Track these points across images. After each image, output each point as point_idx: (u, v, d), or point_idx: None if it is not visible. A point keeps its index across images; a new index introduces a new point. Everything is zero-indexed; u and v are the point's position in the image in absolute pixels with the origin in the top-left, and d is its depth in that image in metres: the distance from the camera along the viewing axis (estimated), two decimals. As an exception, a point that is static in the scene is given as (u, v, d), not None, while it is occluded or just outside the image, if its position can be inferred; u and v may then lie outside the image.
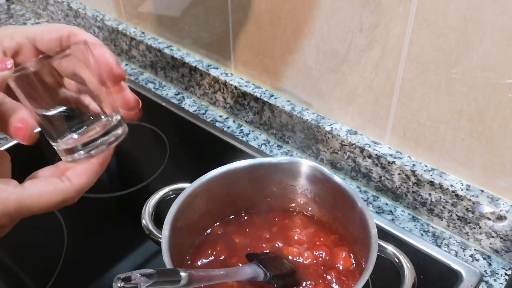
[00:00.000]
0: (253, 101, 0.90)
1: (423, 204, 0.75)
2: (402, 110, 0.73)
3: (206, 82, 0.97)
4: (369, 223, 0.58)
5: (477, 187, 0.71)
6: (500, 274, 0.69)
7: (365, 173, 0.80)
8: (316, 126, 0.82)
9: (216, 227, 0.68)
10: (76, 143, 0.44)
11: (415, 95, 0.70)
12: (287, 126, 0.87)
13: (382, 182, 0.78)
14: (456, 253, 0.72)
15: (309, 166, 0.66)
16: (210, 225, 0.68)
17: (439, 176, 0.73)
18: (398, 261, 0.57)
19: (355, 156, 0.80)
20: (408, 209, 0.78)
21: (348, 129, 0.81)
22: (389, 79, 0.71)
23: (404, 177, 0.75)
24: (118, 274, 0.41)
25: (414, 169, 0.74)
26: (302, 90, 0.84)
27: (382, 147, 0.77)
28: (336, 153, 0.82)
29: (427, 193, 0.74)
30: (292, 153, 0.89)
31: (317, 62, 0.79)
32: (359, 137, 0.79)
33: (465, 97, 0.65)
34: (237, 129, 0.95)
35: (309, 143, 0.85)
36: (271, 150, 0.90)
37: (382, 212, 0.78)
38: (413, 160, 0.75)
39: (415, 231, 0.75)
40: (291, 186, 0.68)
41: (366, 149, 0.78)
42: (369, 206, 0.79)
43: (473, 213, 0.70)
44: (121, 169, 0.91)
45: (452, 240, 0.74)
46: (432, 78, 0.67)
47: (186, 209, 0.62)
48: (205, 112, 0.99)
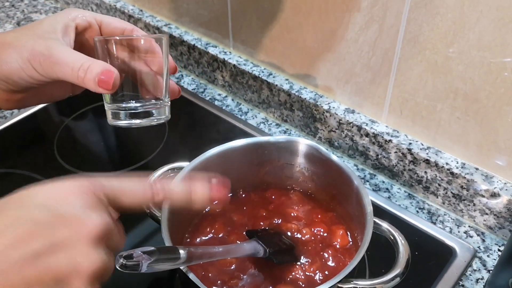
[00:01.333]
0: (252, 80, 0.90)
1: (419, 182, 0.76)
2: (399, 89, 0.73)
3: (205, 60, 0.97)
4: (365, 201, 0.59)
5: (472, 165, 0.72)
6: (493, 250, 0.70)
7: (362, 152, 0.81)
8: (314, 105, 0.83)
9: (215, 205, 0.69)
10: (124, 110, 0.54)
11: (412, 74, 0.70)
12: (285, 105, 0.88)
13: (379, 160, 0.79)
14: (451, 229, 0.73)
15: (306, 145, 0.67)
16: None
17: (435, 154, 0.73)
18: (392, 238, 0.58)
19: (352, 135, 0.80)
20: (404, 186, 0.79)
21: (346, 107, 0.81)
22: (386, 58, 0.72)
23: (401, 155, 0.76)
24: (120, 252, 0.42)
25: (410, 147, 0.75)
26: (300, 69, 0.85)
27: (379, 125, 0.78)
28: (334, 132, 0.83)
29: (423, 171, 0.75)
30: (290, 132, 0.90)
31: (315, 41, 0.79)
32: (356, 116, 0.80)
33: (461, 76, 0.66)
34: (236, 107, 0.95)
35: (307, 122, 0.86)
36: (269, 128, 0.90)
37: (379, 190, 0.79)
38: (410, 138, 0.76)
39: (410, 208, 0.76)
40: (289, 164, 0.69)
41: (363, 127, 0.78)
42: (366, 184, 0.80)
43: (468, 190, 0.71)
44: (120, 148, 0.91)
45: (447, 217, 0.75)
46: (429, 57, 0.67)
47: (185, 188, 0.63)
48: (203, 90, 1.00)
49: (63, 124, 0.93)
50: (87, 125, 0.96)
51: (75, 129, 0.94)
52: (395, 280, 0.54)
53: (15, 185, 0.40)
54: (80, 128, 0.95)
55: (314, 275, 0.61)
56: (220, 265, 0.60)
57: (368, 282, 0.54)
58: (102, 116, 0.52)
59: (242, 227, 0.66)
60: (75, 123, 0.94)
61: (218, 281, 0.59)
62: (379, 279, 0.54)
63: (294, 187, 0.71)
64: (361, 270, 0.65)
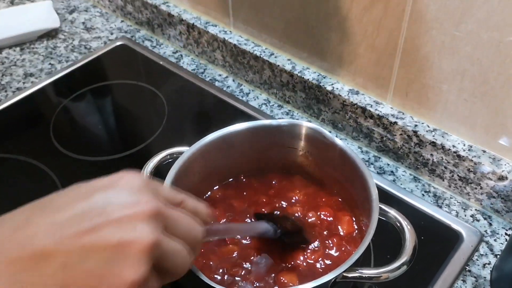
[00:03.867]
0: (253, 60, 0.88)
1: (424, 165, 0.75)
2: (404, 70, 0.71)
3: (205, 40, 0.95)
4: (370, 187, 0.57)
5: (479, 147, 0.70)
6: (501, 234, 0.69)
7: (367, 134, 0.79)
8: (317, 86, 0.81)
9: (215, 190, 0.67)
10: None
11: (418, 55, 0.68)
12: (287, 86, 0.86)
13: (384, 142, 0.78)
14: (457, 213, 0.72)
15: (309, 128, 0.65)
16: (209, 188, 0.67)
17: (441, 136, 0.72)
18: (399, 224, 0.56)
19: (356, 117, 0.79)
20: (409, 169, 0.77)
21: (350, 89, 0.79)
22: (391, 38, 0.70)
23: (406, 137, 0.74)
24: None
25: (416, 129, 0.73)
26: (303, 49, 0.82)
27: (384, 107, 0.76)
28: (338, 113, 0.81)
29: (429, 154, 0.73)
30: (292, 113, 0.88)
31: (318, 20, 0.76)
32: (360, 97, 0.78)
33: (469, 57, 0.64)
34: (237, 88, 0.93)
35: (310, 103, 0.84)
36: (271, 110, 0.89)
37: (384, 173, 0.77)
38: (415, 120, 0.74)
39: (416, 191, 0.75)
40: (292, 148, 0.67)
41: (367, 109, 0.76)
42: (371, 167, 0.78)
43: (475, 173, 0.70)
44: (119, 131, 0.90)
45: (453, 200, 0.73)
46: (436, 38, 0.65)
47: (185, 173, 0.61)
48: (204, 71, 0.97)
49: (60, 105, 0.91)
50: (85, 106, 0.94)
51: (72, 111, 0.92)
52: (401, 269, 0.53)
53: (8, 170, 0.39)
54: (78, 110, 0.93)
55: (315, 263, 0.59)
56: (221, 253, 0.59)
57: (374, 270, 0.53)
58: (101, 97, 0.51)
59: (243, 213, 0.64)
60: (73, 105, 0.93)
61: (220, 269, 0.58)
62: (385, 268, 0.53)
63: (297, 172, 0.69)
64: (366, 257, 0.63)
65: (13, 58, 1.01)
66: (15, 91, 0.94)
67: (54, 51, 1.03)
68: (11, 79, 0.96)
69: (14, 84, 0.95)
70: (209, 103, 0.90)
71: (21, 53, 1.02)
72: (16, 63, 1.00)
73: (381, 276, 0.53)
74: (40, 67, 0.99)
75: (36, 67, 0.99)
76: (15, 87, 0.95)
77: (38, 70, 0.98)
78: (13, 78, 0.96)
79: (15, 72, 0.98)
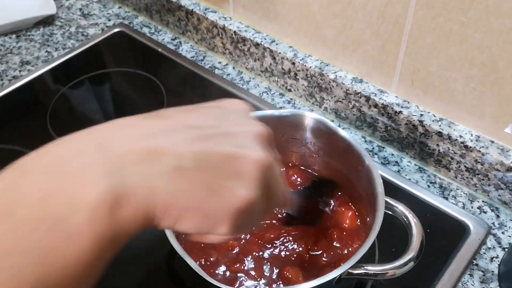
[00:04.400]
0: (254, 47, 0.86)
1: (430, 155, 0.73)
2: (410, 57, 0.69)
3: (204, 26, 0.92)
4: (376, 181, 0.56)
5: (487, 137, 0.68)
6: (509, 227, 0.67)
7: (371, 123, 0.77)
8: (319, 74, 0.79)
9: None
10: None
11: (425, 42, 0.66)
12: (289, 74, 0.83)
13: (388, 132, 0.76)
14: (464, 205, 0.70)
15: (313, 118, 0.63)
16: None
17: (447, 126, 0.70)
18: (406, 219, 0.55)
19: (360, 105, 0.76)
20: (414, 160, 0.75)
21: (353, 77, 0.77)
22: (397, 25, 0.67)
23: (411, 127, 0.72)
24: None
25: (421, 119, 0.71)
26: (305, 36, 0.80)
27: (388, 96, 0.74)
28: (341, 102, 0.79)
29: (435, 144, 0.71)
30: (294, 102, 0.86)
31: (321, 6, 0.74)
32: (364, 86, 0.76)
33: (478, 44, 0.62)
34: (237, 76, 0.91)
35: (312, 92, 0.82)
36: (272, 98, 0.86)
37: (388, 163, 0.75)
38: (421, 109, 0.72)
39: (421, 182, 0.73)
40: (294, 139, 0.66)
41: (372, 98, 0.74)
42: (375, 157, 0.76)
43: (482, 164, 0.68)
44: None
45: (460, 191, 0.72)
46: (443, 24, 0.63)
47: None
48: (203, 58, 0.95)
49: (57, 94, 0.89)
50: (82, 95, 0.92)
51: (70, 100, 0.90)
52: (408, 265, 0.51)
53: (3, 161, 0.37)
54: (75, 99, 0.91)
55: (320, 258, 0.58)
56: (222, 248, 0.58)
57: (380, 267, 0.51)
58: (101, 84, 0.49)
59: None
60: (70, 93, 0.91)
61: (221, 265, 0.56)
62: (392, 264, 0.51)
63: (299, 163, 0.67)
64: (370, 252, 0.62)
65: (9, 45, 0.99)
66: (11, 80, 0.92)
67: (50, 38, 1.00)
68: (7, 67, 0.94)
69: (10, 72, 0.93)
70: (209, 91, 0.88)
71: (17, 40, 1.00)
72: (12, 51, 0.98)
73: (387, 272, 0.51)
74: (37, 54, 0.97)
75: (32, 54, 0.97)
76: (11, 75, 0.93)
77: (34, 58, 0.96)
78: (9, 66, 0.94)
79: (11, 60, 0.96)
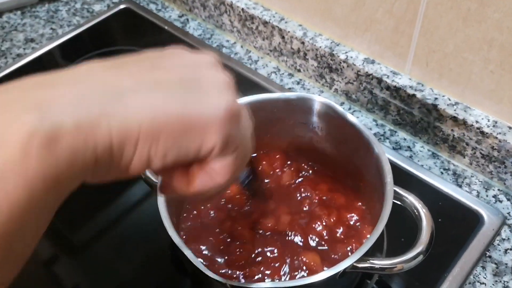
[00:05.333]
0: (262, 25, 0.83)
1: (444, 141, 0.70)
2: (425, 38, 0.65)
3: (211, 3, 0.89)
4: (385, 170, 0.53)
5: (505, 123, 0.65)
6: (525, 217, 0.64)
7: (383, 106, 0.74)
8: (330, 54, 0.75)
9: None
10: None
11: (441, 22, 0.62)
12: (298, 53, 0.80)
13: (401, 115, 0.72)
14: (478, 193, 0.67)
15: (321, 103, 0.60)
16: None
17: (463, 111, 0.66)
18: (416, 211, 0.52)
19: (372, 88, 0.73)
20: (428, 145, 0.72)
21: (365, 57, 0.74)
22: (411, 3, 0.64)
23: (425, 111, 0.69)
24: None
25: (436, 102, 0.67)
26: (315, 14, 0.77)
27: (402, 78, 0.71)
28: (352, 84, 0.76)
29: (450, 129, 0.68)
30: (304, 83, 0.83)
31: (332, -18, 0.71)
32: (376, 67, 0.73)
33: (497, 24, 0.58)
34: (245, 55, 0.88)
35: (322, 72, 0.79)
36: (281, 79, 0.83)
37: (400, 148, 0.72)
38: (436, 93, 0.69)
39: (434, 169, 0.70)
40: (301, 123, 0.63)
41: (384, 80, 0.71)
42: (386, 141, 0.73)
43: (499, 151, 0.64)
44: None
45: (474, 179, 0.69)
46: (461, 3, 0.59)
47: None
48: (210, 36, 0.92)
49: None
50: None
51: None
52: (417, 259, 0.49)
53: None
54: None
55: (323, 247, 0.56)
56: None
57: (387, 261, 0.49)
58: None
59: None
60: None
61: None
62: (399, 258, 0.49)
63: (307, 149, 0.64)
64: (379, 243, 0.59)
65: (14, 22, 0.97)
66: (15, 58, 0.90)
67: (55, 15, 0.98)
68: (11, 44, 0.92)
69: (15, 50, 0.92)
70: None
71: (22, 17, 0.98)
72: (17, 28, 0.95)
73: (395, 267, 0.49)
74: (41, 32, 0.94)
75: (37, 32, 0.94)
76: (15, 53, 0.91)
77: (39, 36, 0.94)
78: (14, 44, 0.92)
79: (15, 38, 0.93)
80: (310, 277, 0.46)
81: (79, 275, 0.63)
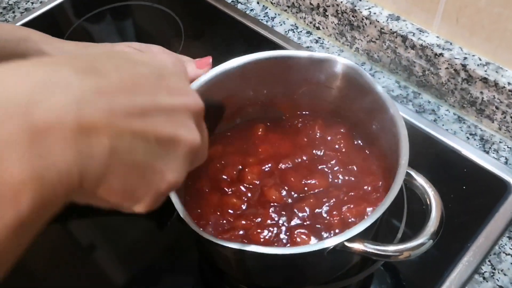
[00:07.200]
0: (280, -21, 0.78)
1: (472, 104, 0.65)
2: (456, -9, 0.60)
3: (227, -44, 0.85)
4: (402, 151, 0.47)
5: (540, 85, 0.60)
6: (556, 186, 0.60)
7: (407, 66, 0.69)
8: (351, 10, 0.71)
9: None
10: None
11: (475, -27, 0.58)
12: (318, 9, 0.76)
13: (426, 77, 0.68)
14: (506, 160, 0.63)
15: (346, 65, 0.54)
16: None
17: (494, 71, 0.62)
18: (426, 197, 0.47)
19: (396, 46, 0.69)
20: (453, 108, 0.68)
21: (390, 13, 0.69)
22: (443, -48, 0.59)
23: (453, 72, 0.64)
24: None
25: (465, 62, 0.63)
26: (337, -34, 0.72)
27: (428, 36, 0.66)
28: (374, 42, 0.71)
29: (479, 91, 0.63)
30: (323, 41, 0.78)
31: None
32: (402, 24, 0.68)
33: (539, -25, 0.53)
34: (262, 12, 0.84)
35: (342, 30, 0.74)
36: (299, 37, 0.79)
37: (423, 112, 0.68)
38: (465, 52, 0.64)
39: (460, 134, 0.66)
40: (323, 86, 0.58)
41: (409, 38, 0.66)
42: (409, 104, 0.69)
43: (532, 116, 0.60)
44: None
45: (503, 145, 0.64)
46: (499, -49, 0.54)
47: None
48: (226, -9, 0.88)
49: (71, 27, 0.84)
50: (98, 28, 0.86)
51: (85, 33, 0.85)
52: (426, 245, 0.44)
53: None
54: (90, 32, 0.86)
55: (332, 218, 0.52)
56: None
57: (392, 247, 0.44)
58: (115, 19, 0.45)
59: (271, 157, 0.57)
60: (86, 26, 0.85)
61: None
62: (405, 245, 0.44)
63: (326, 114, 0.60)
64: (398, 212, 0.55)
65: (22, -25, 0.93)
66: (24, 12, 0.87)
67: (65, -32, 0.94)
68: (19, -2, 0.89)
69: (23, 4, 0.88)
70: (230, 28, 0.81)
71: (30, -31, 0.94)
72: (25, -19, 0.92)
73: (402, 254, 0.44)
74: (50, -16, 0.91)
75: (46, -16, 0.91)
76: (23, 7, 0.88)
77: (48, -12, 0.90)
78: (22, -3, 0.89)
79: (23, -9, 0.90)
80: (293, 247, 0.44)
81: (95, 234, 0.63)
